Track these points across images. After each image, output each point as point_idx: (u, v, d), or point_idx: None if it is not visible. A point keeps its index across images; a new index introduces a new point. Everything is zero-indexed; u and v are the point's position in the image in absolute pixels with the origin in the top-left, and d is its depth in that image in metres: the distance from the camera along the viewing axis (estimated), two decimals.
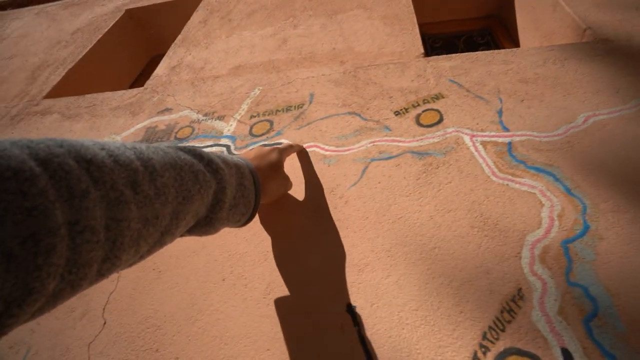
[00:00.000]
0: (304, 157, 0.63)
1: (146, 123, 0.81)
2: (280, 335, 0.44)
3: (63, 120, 0.94)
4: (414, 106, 0.67)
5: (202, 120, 0.76)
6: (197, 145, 0.71)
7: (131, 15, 1.41)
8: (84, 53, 1.22)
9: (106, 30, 1.31)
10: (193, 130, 0.75)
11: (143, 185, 0.27)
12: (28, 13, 1.64)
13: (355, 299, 0.45)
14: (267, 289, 0.48)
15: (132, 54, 1.42)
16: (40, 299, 0.21)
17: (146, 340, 0.47)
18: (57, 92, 1.09)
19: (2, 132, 0.98)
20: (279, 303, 0.47)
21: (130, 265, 0.29)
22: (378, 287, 0.46)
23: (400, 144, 0.62)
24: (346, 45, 0.87)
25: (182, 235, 0.35)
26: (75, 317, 0.52)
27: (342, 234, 0.52)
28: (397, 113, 0.67)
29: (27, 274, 0.19)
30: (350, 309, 0.44)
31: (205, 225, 0.36)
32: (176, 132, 0.76)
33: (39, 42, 1.38)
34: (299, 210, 0.56)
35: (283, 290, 0.48)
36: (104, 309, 0.52)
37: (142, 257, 0.30)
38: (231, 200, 0.38)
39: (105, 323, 0.50)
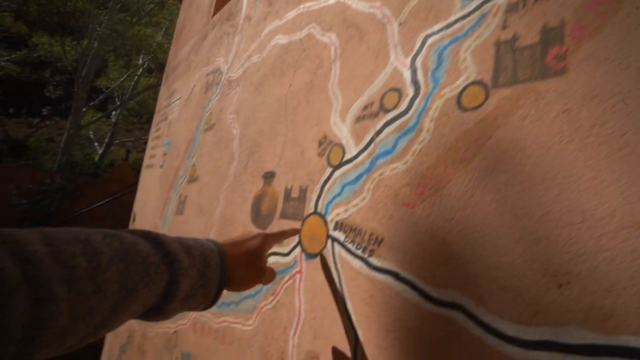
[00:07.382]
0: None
1: None
2: None
3: None
4: None
5: None
6: None
7: None
8: None
9: None
10: None
11: (79, 283, 0.28)
12: None
13: None
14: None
15: None
16: None
17: None
18: None
19: None
20: None
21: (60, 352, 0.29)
22: None
23: None
24: None
25: (136, 318, 0.37)
26: None
27: None
28: None
29: None
30: None
31: (157, 314, 0.38)
32: None
33: None
34: None
35: None
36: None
37: (71, 347, 0.30)
38: (187, 292, 0.39)
39: None
